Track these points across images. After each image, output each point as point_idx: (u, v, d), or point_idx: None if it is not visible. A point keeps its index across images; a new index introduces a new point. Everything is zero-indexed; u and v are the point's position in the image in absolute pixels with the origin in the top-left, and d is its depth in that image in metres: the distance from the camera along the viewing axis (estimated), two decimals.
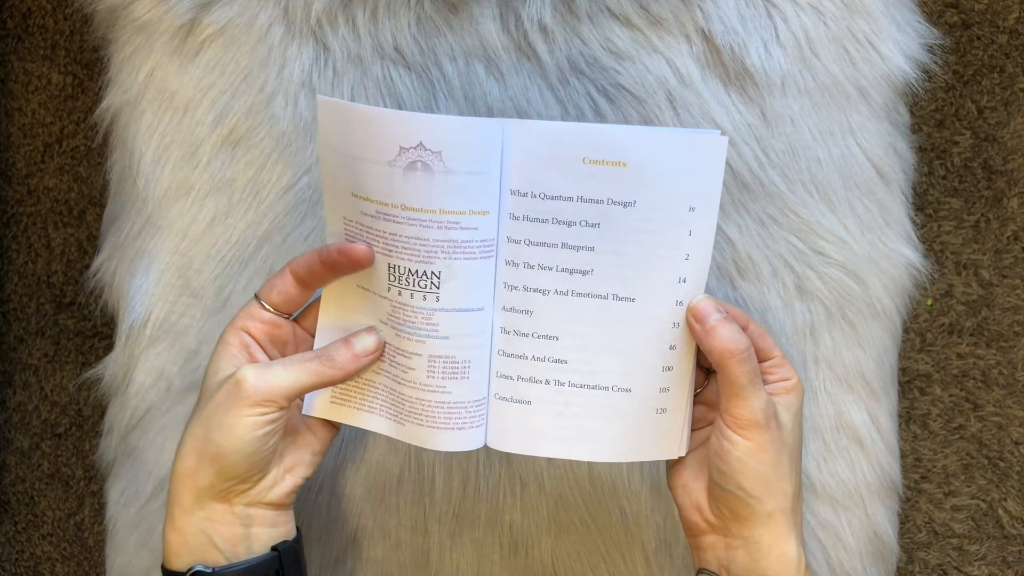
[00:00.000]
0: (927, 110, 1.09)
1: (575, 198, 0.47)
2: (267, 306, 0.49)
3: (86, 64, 1.15)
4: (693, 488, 0.51)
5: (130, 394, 0.61)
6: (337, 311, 0.51)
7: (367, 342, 0.49)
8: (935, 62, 0.62)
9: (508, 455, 0.60)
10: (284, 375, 0.46)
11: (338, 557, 0.62)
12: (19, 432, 1.16)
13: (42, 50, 1.15)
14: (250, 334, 0.49)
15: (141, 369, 0.61)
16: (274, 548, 0.49)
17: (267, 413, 0.46)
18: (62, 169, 1.15)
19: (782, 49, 0.58)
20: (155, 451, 0.61)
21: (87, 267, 0.98)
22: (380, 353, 0.50)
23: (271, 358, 0.50)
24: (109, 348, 0.63)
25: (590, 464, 0.60)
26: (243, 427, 0.45)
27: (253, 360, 0.48)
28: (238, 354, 0.48)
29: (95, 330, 1.15)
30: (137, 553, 0.62)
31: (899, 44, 0.59)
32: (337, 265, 0.48)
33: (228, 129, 0.59)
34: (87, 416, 1.16)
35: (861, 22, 0.59)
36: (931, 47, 0.62)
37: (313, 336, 0.51)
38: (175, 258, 0.60)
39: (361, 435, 0.60)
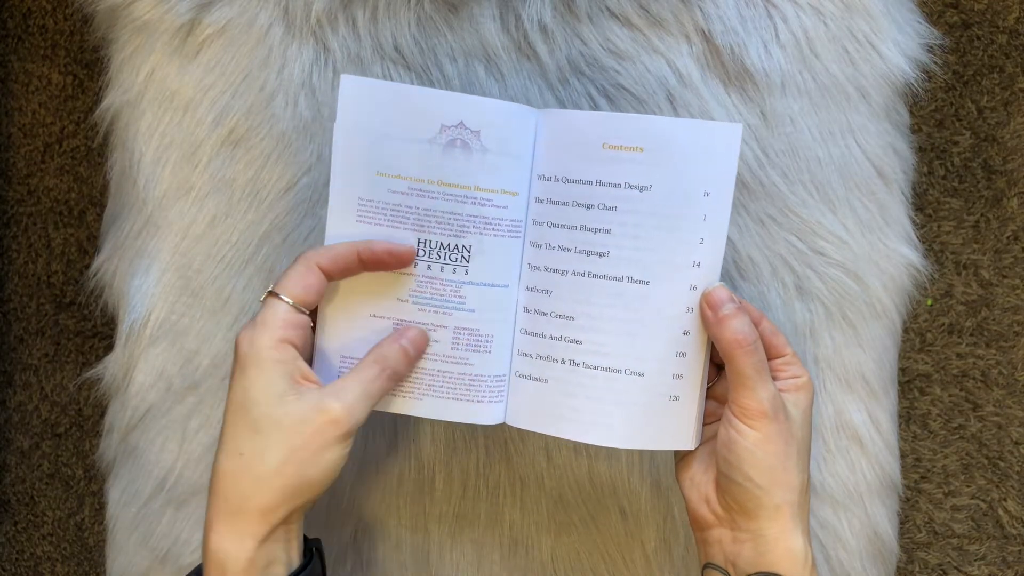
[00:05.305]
0: (927, 110, 1.09)
1: (594, 182, 0.49)
2: (303, 310, 0.48)
3: (86, 64, 1.15)
4: (701, 481, 0.51)
5: (130, 394, 0.61)
6: (341, 296, 0.50)
7: (418, 340, 0.50)
8: (935, 62, 0.62)
9: (508, 455, 0.60)
10: (364, 404, 0.47)
11: (338, 557, 0.62)
12: (19, 432, 1.16)
13: (42, 50, 1.15)
14: (294, 345, 0.47)
15: (141, 369, 0.61)
16: (308, 547, 0.50)
17: (351, 439, 0.47)
18: (62, 169, 1.15)
19: (782, 49, 0.58)
20: (155, 451, 0.61)
21: (87, 267, 0.98)
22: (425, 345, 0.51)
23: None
24: (109, 348, 0.63)
25: (590, 464, 0.60)
26: (336, 459, 0.46)
27: (307, 378, 0.47)
28: (288, 372, 0.47)
29: (95, 330, 1.15)
30: (137, 553, 0.62)
31: (899, 44, 0.59)
32: (382, 264, 0.49)
33: (228, 129, 0.59)
34: (87, 416, 1.16)
35: (861, 22, 0.59)
36: (931, 47, 0.62)
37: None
38: (175, 258, 0.60)
39: (360, 435, 0.60)
